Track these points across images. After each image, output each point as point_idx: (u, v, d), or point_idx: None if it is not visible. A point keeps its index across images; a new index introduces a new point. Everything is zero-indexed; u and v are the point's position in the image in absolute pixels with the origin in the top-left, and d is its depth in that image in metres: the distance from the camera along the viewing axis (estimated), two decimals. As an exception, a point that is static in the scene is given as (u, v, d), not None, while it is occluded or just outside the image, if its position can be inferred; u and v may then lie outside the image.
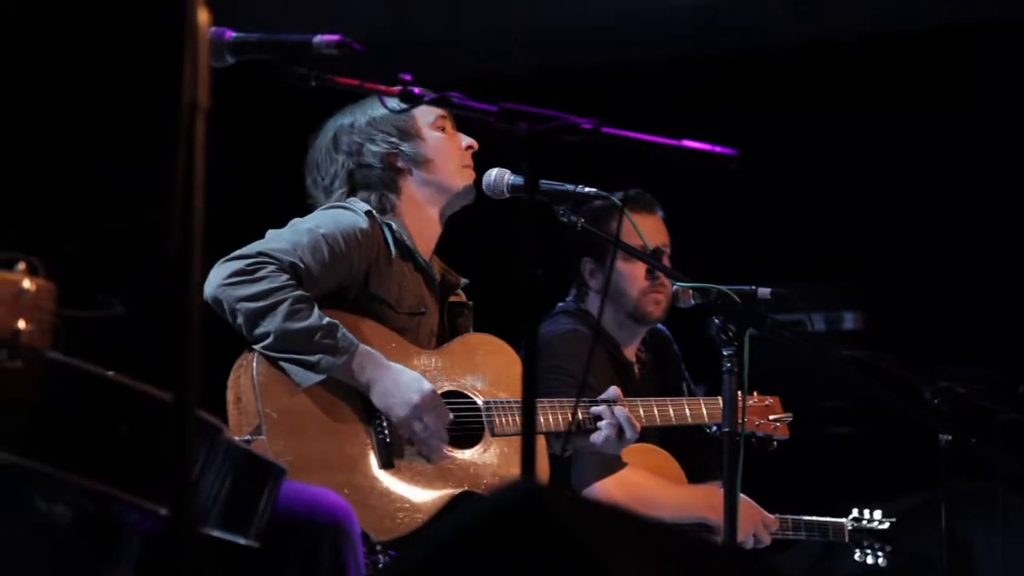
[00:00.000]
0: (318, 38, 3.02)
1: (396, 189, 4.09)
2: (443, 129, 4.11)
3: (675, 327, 5.00)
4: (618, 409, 4.10)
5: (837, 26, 6.67)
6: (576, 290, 4.92)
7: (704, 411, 4.40)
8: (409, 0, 6.67)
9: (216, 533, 2.70)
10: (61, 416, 2.44)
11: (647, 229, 4.63)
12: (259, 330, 3.72)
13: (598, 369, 4.59)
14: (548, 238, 3.04)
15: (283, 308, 3.71)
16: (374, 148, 4.06)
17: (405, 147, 4.07)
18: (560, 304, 4.92)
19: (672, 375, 4.99)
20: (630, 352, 4.86)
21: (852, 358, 4.32)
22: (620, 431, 4.08)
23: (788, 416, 4.50)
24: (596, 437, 4.10)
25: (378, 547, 3.70)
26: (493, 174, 4.03)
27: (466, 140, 4.11)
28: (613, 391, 4.16)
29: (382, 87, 3.25)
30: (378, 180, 4.08)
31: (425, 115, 4.09)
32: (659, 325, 4.94)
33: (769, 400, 4.51)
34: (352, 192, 4.08)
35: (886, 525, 4.89)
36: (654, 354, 4.98)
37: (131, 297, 2.35)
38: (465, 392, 3.98)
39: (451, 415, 3.86)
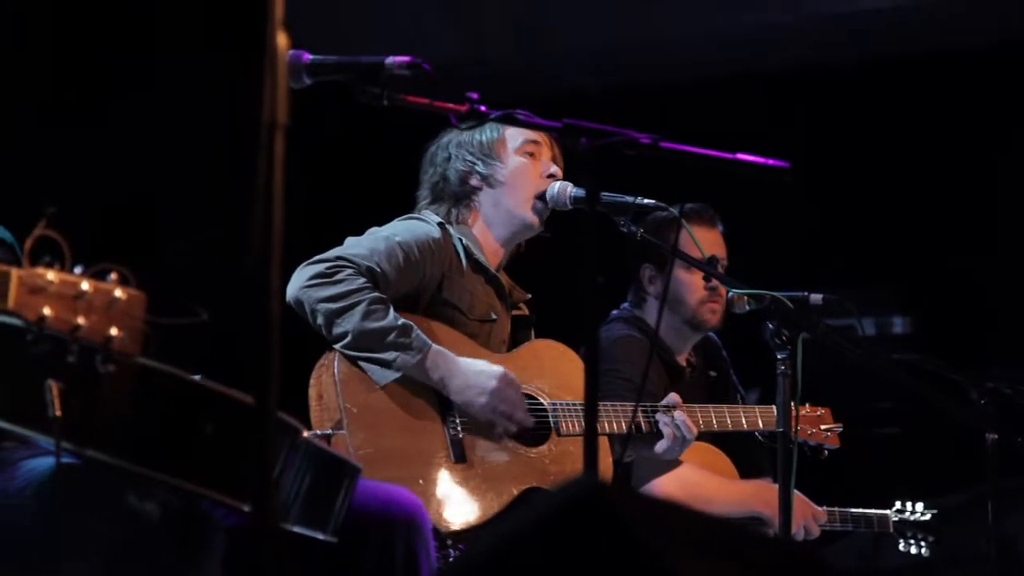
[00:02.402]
0: (390, 59, 3.03)
1: (468, 205, 4.10)
2: (531, 155, 4.09)
3: (725, 334, 4.97)
4: (677, 414, 4.09)
5: (885, 46, 6.63)
6: (633, 297, 4.89)
7: (759, 418, 4.39)
8: (480, 24, 6.68)
9: (296, 529, 2.70)
10: (150, 418, 2.45)
11: (705, 241, 4.61)
12: (338, 329, 3.74)
13: (652, 373, 4.57)
14: (606, 247, 3.03)
15: (360, 308, 3.73)
16: (456, 165, 4.09)
17: (480, 167, 4.07)
18: (615, 311, 4.89)
19: (722, 379, 4.96)
20: (681, 358, 4.84)
21: (901, 361, 4.29)
22: (680, 436, 4.08)
23: (838, 426, 4.49)
24: (659, 447, 4.12)
25: (448, 541, 3.70)
26: (556, 187, 4.03)
27: (549, 169, 4.09)
28: (673, 397, 4.15)
29: (451, 105, 3.25)
30: (452, 194, 4.11)
31: (513, 139, 4.09)
32: (709, 333, 4.92)
33: (821, 411, 4.50)
34: (434, 199, 4.11)
35: (928, 516, 4.86)
36: (704, 359, 4.96)
37: (215, 305, 2.36)
38: (533, 394, 3.98)
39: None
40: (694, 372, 4.87)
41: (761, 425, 4.39)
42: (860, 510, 4.85)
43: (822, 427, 4.46)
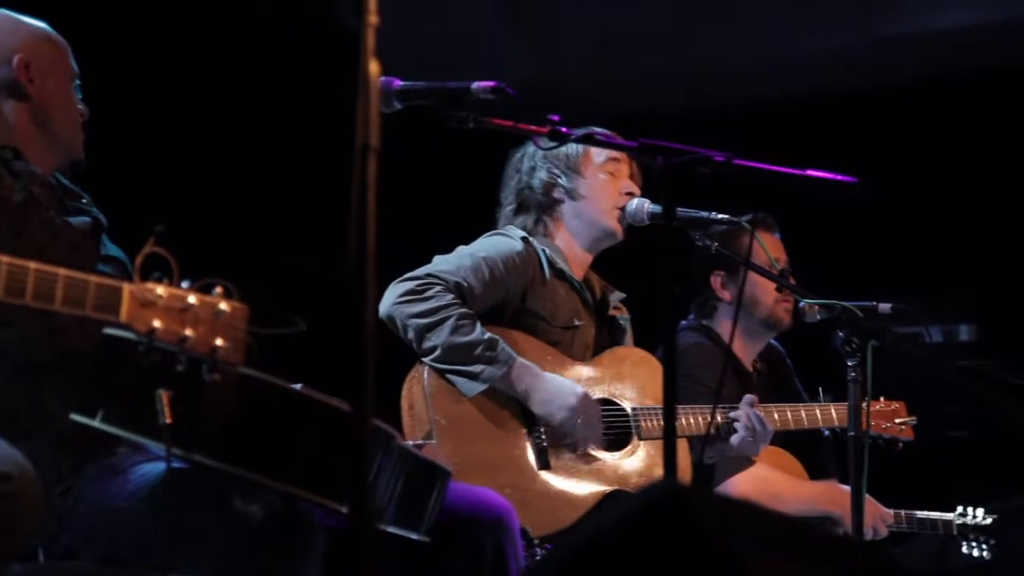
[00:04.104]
0: (475, 85, 3.03)
1: (552, 215, 4.10)
2: (611, 173, 4.08)
3: (790, 342, 4.94)
4: (753, 412, 4.06)
5: (950, 64, 6.57)
6: (700, 307, 4.86)
7: (833, 415, 4.35)
8: (558, 47, 6.69)
9: (391, 529, 2.70)
10: (253, 424, 2.47)
11: (769, 247, 4.59)
12: (427, 344, 3.75)
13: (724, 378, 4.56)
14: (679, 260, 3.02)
15: (449, 324, 3.74)
16: (541, 175, 4.09)
17: (563, 180, 4.08)
18: (683, 322, 4.87)
19: (786, 385, 4.92)
20: (748, 362, 4.81)
21: (967, 367, 4.25)
22: (755, 433, 4.04)
23: (912, 419, 4.44)
24: (735, 439, 4.07)
25: (535, 541, 3.70)
26: (634, 203, 4.02)
27: (628, 187, 4.08)
28: (749, 397, 4.12)
29: (533, 127, 3.25)
30: (536, 203, 4.11)
31: (597, 156, 4.08)
32: (772, 341, 4.88)
33: (895, 405, 4.45)
34: (519, 208, 4.11)
35: (988, 520, 4.81)
36: (768, 366, 4.93)
37: (314, 317, 2.37)
38: (615, 399, 3.97)
39: (601, 410, 3.85)
40: (761, 378, 4.84)
41: (836, 421, 4.35)
42: (925, 513, 4.81)
43: (896, 421, 4.42)
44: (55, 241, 2.89)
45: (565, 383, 3.82)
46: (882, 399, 4.38)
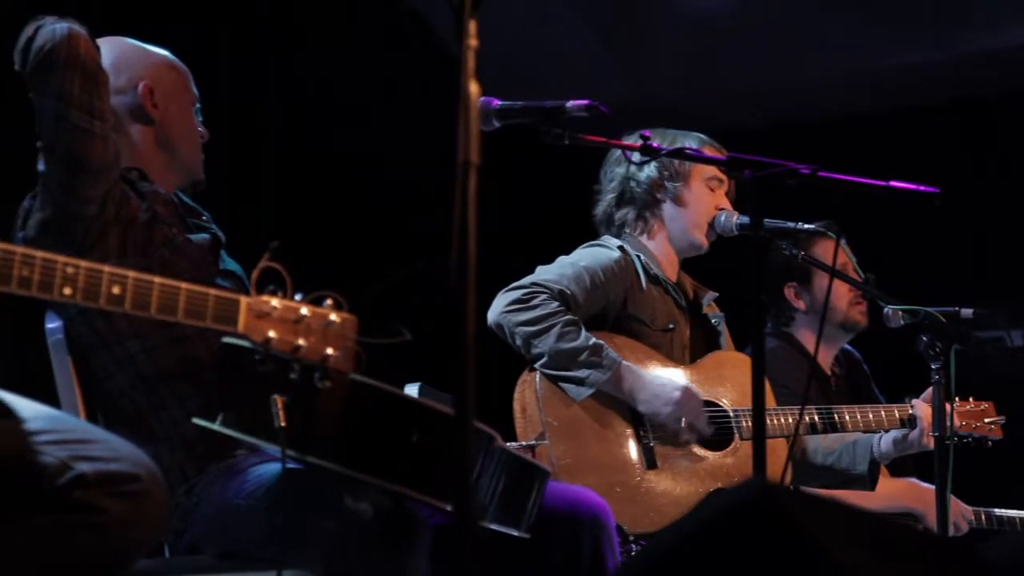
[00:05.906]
0: (570, 103, 3.03)
1: (652, 214, 4.07)
2: (712, 189, 4.05)
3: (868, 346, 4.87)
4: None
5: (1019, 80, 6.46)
6: (775, 318, 4.80)
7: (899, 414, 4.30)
8: (646, 66, 6.67)
9: (493, 526, 2.70)
10: (363, 428, 2.48)
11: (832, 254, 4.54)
12: (535, 350, 3.75)
13: (804, 380, 4.50)
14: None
15: (555, 331, 3.73)
16: (649, 171, 4.03)
17: (670, 183, 4.04)
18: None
19: (864, 389, 4.85)
20: (827, 367, 4.75)
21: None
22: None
23: (1001, 418, 4.36)
24: (915, 433, 4.06)
25: (631, 538, 3.68)
26: (723, 215, 3.99)
27: (721, 203, 4.05)
28: (928, 393, 4.05)
29: (626, 143, 3.24)
30: (639, 198, 4.07)
31: (704, 170, 4.04)
32: (847, 346, 4.81)
33: (984, 405, 4.37)
34: (620, 202, 4.09)
35: None
36: (846, 370, 4.86)
37: (420, 326, 2.38)
38: (716, 402, 3.93)
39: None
40: (839, 381, 4.79)
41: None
42: (1003, 511, 4.74)
43: (985, 420, 4.34)
44: (177, 257, 2.93)
45: (667, 380, 3.80)
46: (971, 399, 4.32)
